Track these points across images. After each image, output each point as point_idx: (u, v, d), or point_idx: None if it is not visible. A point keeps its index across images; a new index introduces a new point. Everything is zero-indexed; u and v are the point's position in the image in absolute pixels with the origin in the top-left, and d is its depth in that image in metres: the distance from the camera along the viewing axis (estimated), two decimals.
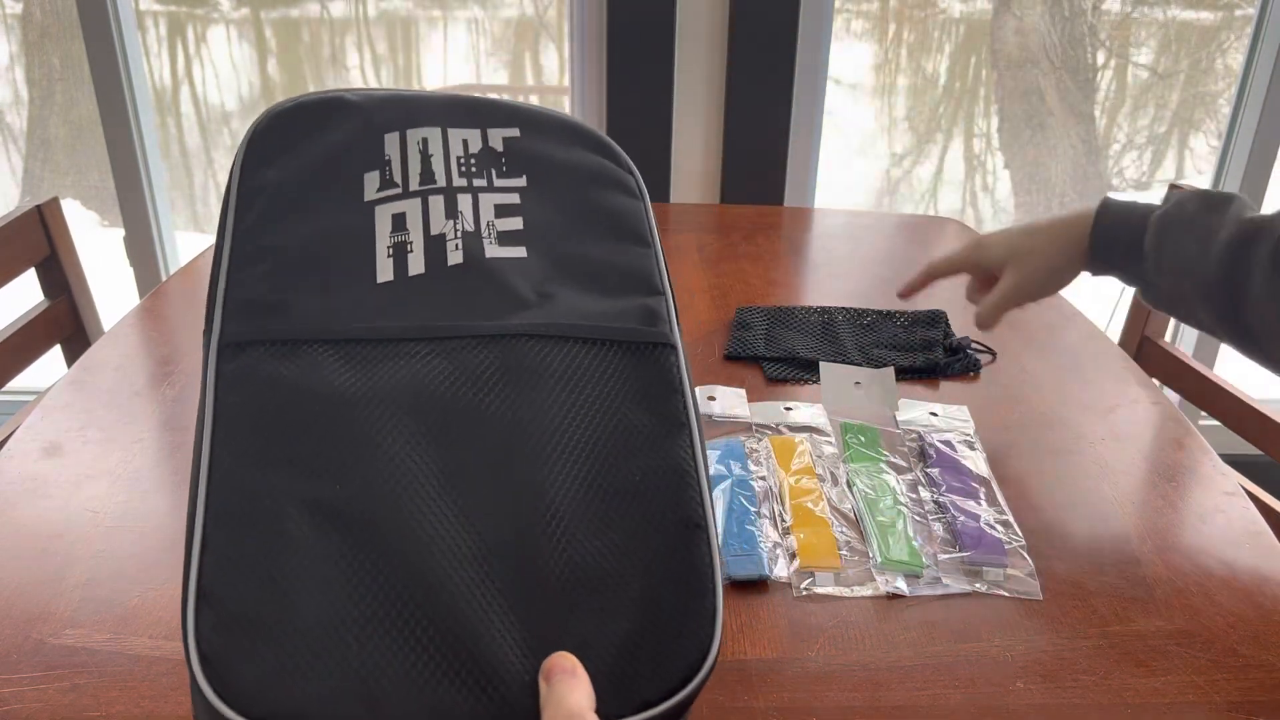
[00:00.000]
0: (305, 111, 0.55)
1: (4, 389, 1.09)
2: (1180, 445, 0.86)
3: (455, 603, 0.40)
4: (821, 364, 0.95)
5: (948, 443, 0.82)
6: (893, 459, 0.80)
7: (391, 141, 0.54)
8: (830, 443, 0.82)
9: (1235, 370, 1.30)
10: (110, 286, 1.67)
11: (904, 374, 0.96)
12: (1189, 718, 0.56)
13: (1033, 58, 2.57)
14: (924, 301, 1.12)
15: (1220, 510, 0.76)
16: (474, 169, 0.54)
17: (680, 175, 1.74)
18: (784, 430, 0.84)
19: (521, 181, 0.55)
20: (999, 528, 0.71)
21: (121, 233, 1.89)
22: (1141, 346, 1.29)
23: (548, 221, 0.54)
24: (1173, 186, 1.23)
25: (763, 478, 0.77)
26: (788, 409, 0.87)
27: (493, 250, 0.51)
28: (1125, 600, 0.65)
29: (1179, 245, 0.70)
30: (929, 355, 0.98)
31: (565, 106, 2.33)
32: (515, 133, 0.56)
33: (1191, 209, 0.71)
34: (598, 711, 0.38)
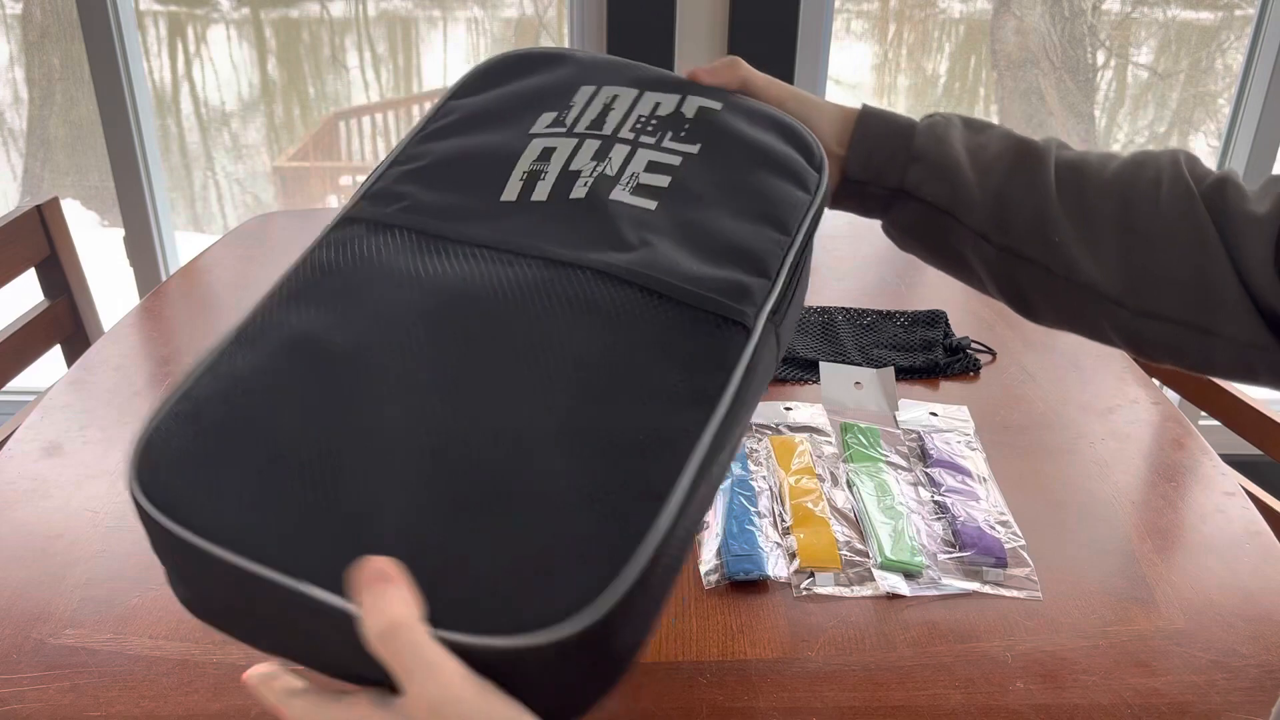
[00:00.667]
0: (528, 59, 0.60)
1: (4, 389, 1.09)
2: (1180, 445, 0.86)
3: (372, 477, 0.41)
4: (821, 364, 0.95)
5: (948, 443, 0.82)
6: (893, 459, 0.80)
7: (584, 93, 0.57)
8: (830, 443, 0.82)
9: None
10: (110, 286, 1.67)
11: (904, 374, 0.96)
12: (1189, 718, 0.56)
13: (1033, 58, 2.57)
14: (924, 301, 1.12)
15: (1220, 510, 0.76)
16: (650, 128, 0.55)
17: None
18: (784, 430, 0.84)
19: (693, 149, 0.55)
20: (999, 528, 0.71)
21: (121, 233, 1.89)
22: None
23: (698, 188, 0.53)
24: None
25: (763, 478, 0.77)
26: (788, 409, 0.87)
27: (619, 194, 0.51)
28: (1125, 600, 0.65)
29: (951, 151, 0.60)
30: (929, 355, 0.98)
31: None
32: (716, 105, 0.57)
33: (959, 123, 0.62)
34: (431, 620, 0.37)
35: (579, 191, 0.51)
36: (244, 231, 1.31)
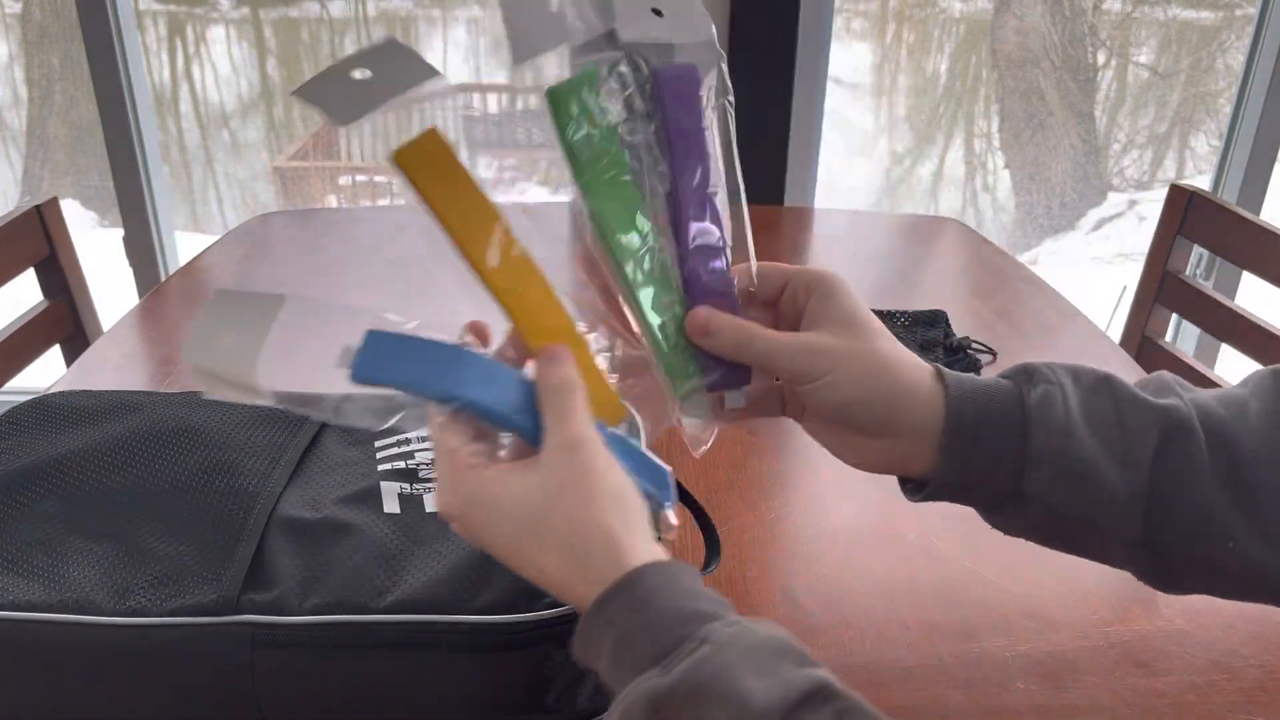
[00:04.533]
0: None
1: (3, 389, 1.09)
2: None
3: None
4: None
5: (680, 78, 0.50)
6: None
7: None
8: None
9: (1235, 371, 1.30)
10: (110, 286, 1.67)
11: None
12: (1189, 718, 0.56)
13: (1033, 58, 2.57)
14: (924, 301, 1.12)
15: None
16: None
17: None
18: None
19: None
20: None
21: (121, 233, 1.89)
22: (1142, 347, 1.29)
23: None
24: (1175, 186, 1.23)
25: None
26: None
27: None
28: (1125, 600, 0.65)
29: (1080, 450, 0.48)
30: (929, 355, 0.98)
31: None
32: None
33: (1074, 394, 0.51)
34: None
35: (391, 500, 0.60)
36: (244, 231, 1.31)
